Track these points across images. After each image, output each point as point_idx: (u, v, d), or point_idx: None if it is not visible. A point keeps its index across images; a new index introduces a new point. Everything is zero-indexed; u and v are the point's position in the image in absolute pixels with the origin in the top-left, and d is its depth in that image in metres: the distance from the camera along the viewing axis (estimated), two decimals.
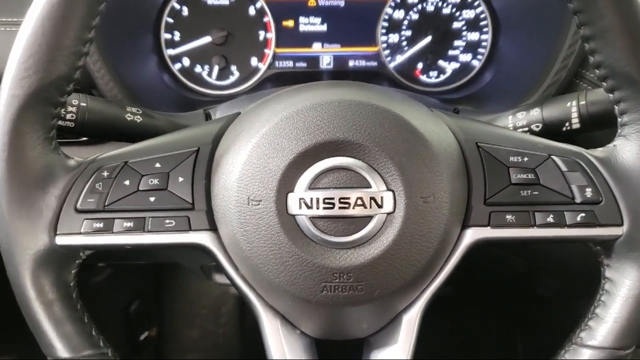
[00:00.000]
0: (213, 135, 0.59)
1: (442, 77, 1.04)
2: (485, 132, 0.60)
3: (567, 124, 0.72)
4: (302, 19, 1.01)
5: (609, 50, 0.53)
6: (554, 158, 0.58)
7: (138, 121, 0.72)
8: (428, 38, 1.01)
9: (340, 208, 0.53)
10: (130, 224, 0.55)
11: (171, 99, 0.97)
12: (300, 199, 0.53)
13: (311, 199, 0.53)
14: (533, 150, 0.58)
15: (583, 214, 0.56)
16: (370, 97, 0.56)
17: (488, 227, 0.56)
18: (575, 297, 1.16)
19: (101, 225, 0.55)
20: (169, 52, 1.00)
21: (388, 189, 0.54)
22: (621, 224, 0.56)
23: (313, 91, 0.58)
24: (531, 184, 0.57)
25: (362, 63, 1.04)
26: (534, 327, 1.42)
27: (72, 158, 0.57)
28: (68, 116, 0.68)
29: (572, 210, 0.56)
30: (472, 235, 0.57)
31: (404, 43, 1.02)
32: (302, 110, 0.55)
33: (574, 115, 0.71)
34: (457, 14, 1.01)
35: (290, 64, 1.03)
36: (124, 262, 1.28)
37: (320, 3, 1.00)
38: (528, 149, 0.58)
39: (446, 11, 1.01)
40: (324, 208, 0.53)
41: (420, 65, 1.03)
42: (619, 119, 0.57)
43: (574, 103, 0.71)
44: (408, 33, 1.02)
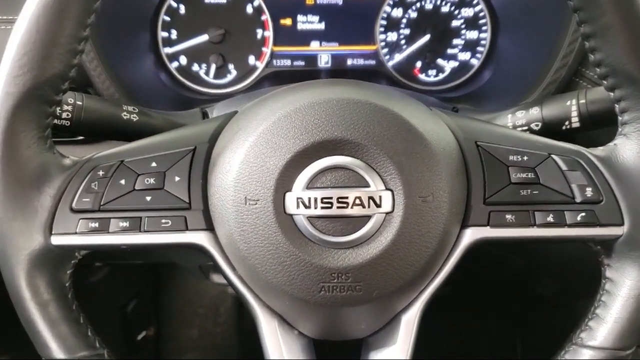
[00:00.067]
0: (210, 134, 0.58)
1: (441, 76, 1.04)
2: (484, 131, 0.60)
3: (567, 123, 0.72)
4: (300, 17, 1.00)
5: (610, 48, 0.52)
6: (554, 157, 0.57)
7: (134, 120, 0.72)
8: (427, 36, 1.01)
9: (338, 208, 0.53)
10: (126, 224, 0.55)
11: (168, 98, 0.97)
12: (298, 199, 0.53)
13: (309, 199, 0.53)
14: (533, 149, 0.58)
15: (583, 214, 0.56)
16: (368, 96, 0.56)
17: (487, 227, 0.56)
18: (575, 297, 1.15)
19: (97, 225, 0.55)
20: (166, 51, 1.00)
21: (387, 189, 0.54)
22: (622, 224, 0.56)
23: (311, 90, 0.58)
24: (531, 183, 0.56)
25: (361, 62, 1.03)
26: (534, 327, 1.42)
27: (68, 157, 0.57)
28: (64, 115, 0.68)
29: (572, 209, 0.56)
30: (472, 235, 0.56)
31: (403, 41, 1.02)
32: (300, 108, 0.55)
33: (574, 114, 0.71)
34: (456, 12, 1.01)
35: (288, 63, 1.02)
36: (121, 262, 1.27)
37: (318, 1, 1.00)
38: (528, 148, 0.58)
39: (445, 9, 1.01)
40: (322, 208, 0.53)
41: (419, 63, 1.03)
42: (620, 118, 0.56)
43: (574, 102, 0.71)
44: (407, 31, 1.01)
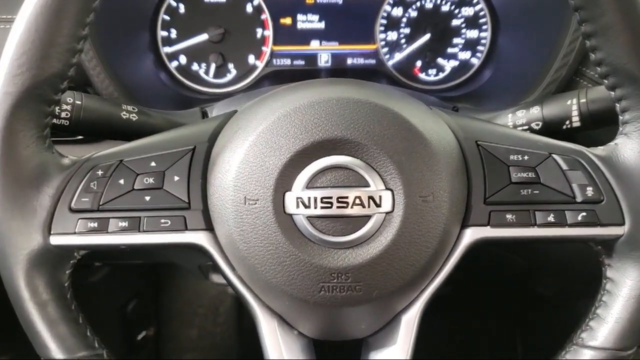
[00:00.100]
0: (209, 133, 0.58)
1: (441, 75, 1.03)
2: (485, 131, 0.60)
3: (568, 122, 0.71)
4: (300, 17, 1.00)
5: (611, 47, 0.52)
6: (555, 156, 0.57)
7: (134, 119, 0.72)
8: (427, 36, 1.01)
9: (338, 207, 0.53)
10: (125, 224, 0.55)
11: (168, 97, 0.96)
12: (297, 198, 0.53)
13: (309, 198, 0.53)
14: (533, 148, 0.58)
15: (584, 213, 0.55)
16: (368, 95, 0.56)
17: (488, 227, 0.56)
18: (575, 297, 1.15)
19: (96, 225, 0.55)
20: (166, 50, 0.99)
21: (387, 188, 0.53)
22: (622, 224, 0.55)
23: (311, 89, 0.58)
24: (531, 183, 0.56)
25: (361, 61, 1.03)
26: (534, 327, 1.42)
27: (67, 157, 0.56)
28: (63, 114, 0.68)
29: (573, 209, 0.56)
30: (472, 234, 0.56)
31: (403, 41, 1.02)
32: (300, 108, 0.54)
33: (575, 113, 0.71)
34: (456, 12, 1.00)
35: (287, 62, 1.02)
36: (121, 262, 1.27)
37: (318, 0, 0.99)
38: (528, 148, 0.58)
39: (445, 8, 1.00)
40: (322, 207, 0.53)
41: (419, 63, 1.03)
42: (621, 117, 0.56)
43: (575, 101, 0.71)
44: (407, 30, 1.01)
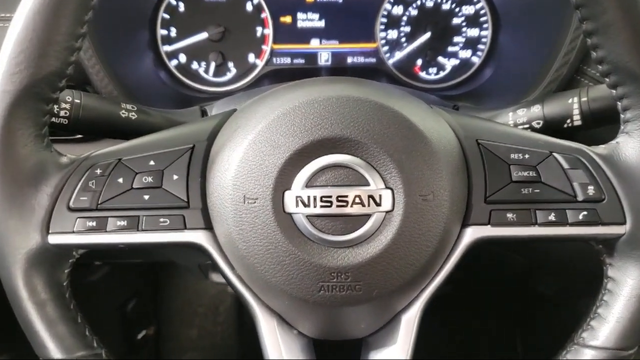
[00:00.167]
0: (208, 132, 0.58)
1: (442, 74, 1.03)
2: (485, 129, 0.59)
3: (569, 121, 0.71)
4: (300, 15, 1.00)
5: (612, 45, 0.52)
6: (556, 155, 0.57)
7: (133, 118, 0.72)
8: (427, 34, 1.00)
9: (338, 206, 0.52)
10: (123, 223, 0.54)
11: (167, 96, 0.96)
12: (297, 197, 0.53)
13: (308, 197, 0.52)
14: (534, 147, 0.57)
15: (585, 212, 0.55)
16: (368, 94, 0.55)
17: (488, 226, 0.56)
18: (576, 297, 1.15)
19: (94, 224, 0.54)
20: (165, 49, 0.99)
21: (387, 187, 0.53)
22: (624, 223, 0.55)
23: (310, 87, 0.57)
24: (532, 182, 0.56)
25: (361, 59, 1.03)
26: (535, 327, 1.41)
27: (65, 155, 0.56)
28: (62, 113, 0.67)
29: (574, 208, 0.55)
30: (472, 233, 0.56)
31: (403, 39, 1.01)
32: (299, 106, 0.54)
33: (576, 112, 0.70)
34: (457, 10, 1.00)
35: (287, 61, 1.02)
36: (120, 261, 1.27)
37: None
38: (529, 146, 0.57)
39: (445, 7, 1.00)
40: (322, 206, 0.52)
41: (419, 61, 1.02)
42: (622, 116, 0.56)
43: (576, 99, 0.71)
44: (407, 29, 1.01)
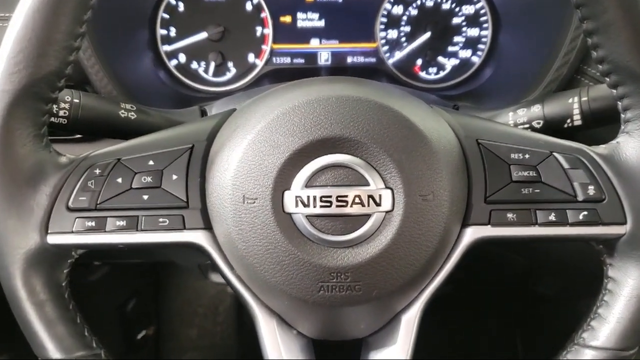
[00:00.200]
0: (208, 132, 0.58)
1: (442, 74, 1.03)
2: (485, 129, 0.59)
3: (569, 121, 0.71)
4: (300, 15, 1.00)
5: (613, 44, 0.52)
6: (556, 155, 0.57)
7: (132, 118, 0.71)
8: (427, 34, 1.00)
9: (337, 206, 0.52)
10: (123, 223, 0.54)
11: (167, 96, 0.96)
12: (296, 197, 0.52)
13: (308, 197, 0.52)
14: (534, 147, 0.57)
15: (585, 212, 0.55)
16: (368, 93, 0.55)
17: (488, 226, 0.55)
18: (576, 297, 1.15)
19: (93, 224, 0.54)
20: (165, 48, 0.99)
21: (386, 187, 0.53)
22: (624, 223, 0.55)
23: (310, 87, 0.57)
24: (532, 182, 0.56)
25: (361, 59, 1.03)
26: (535, 327, 1.41)
27: (64, 155, 0.56)
28: (61, 113, 0.67)
29: (575, 208, 0.55)
30: (472, 234, 0.56)
31: (403, 39, 1.01)
32: (299, 106, 0.54)
33: (576, 111, 0.70)
34: (457, 10, 1.00)
35: (287, 60, 1.02)
36: (119, 261, 1.27)
37: None
38: (529, 146, 0.57)
39: (445, 7, 1.00)
40: (321, 206, 0.52)
41: (419, 61, 1.02)
42: (623, 115, 0.56)
43: (576, 99, 0.70)
44: (407, 29, 1.01)
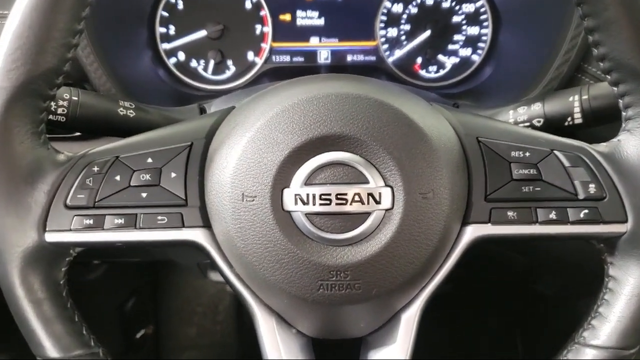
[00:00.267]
0: (207, 129, 0.58)
1: (442, 72, 1.03)
2: (486, 127, 0.59)
3: (570, 119, 0.71)
4: (300, 13, 0.99)
5: (614, 42, 0.52)
6: (557, 153, 0.56)
7: (131, 116, 0.71)
8: (427, 32, 1.00)
9: (337, 204, 0.52)
10: (121, 221, 0.54)
11: (166, 94, 0.96)
12: (296, 195, 0.52)
13: (307, 195, 0.52)
14: (535, 145, 0.57)
15: (586, 211, 0.55)
16: (368, 91, 0.55)
17: (489, 224, 0.55)
18: (576, 296, 1.15)
19: (91, 221, 0.54)
20: (164, 46, 0.99)
21: (386, 185, 0.53)
22: (625, 221, 0.55)
23: (309, 84, 0.57)
24: (533, 180, 0.56)
25: (361, 57, 1.02)
26: (535, 326, 1.41)
27: (62, 153, 0.56)
28: (59, 110, 0.67)
29: (575, 206, 0.55)
30: (473, 232, 0.55)
31: (403, 37, 1.01)
32: (299, 103, 0.54)
33: (577, 110, 0.70)
34: (457, 8, 1.00)
35: (287, 59, 1.01)
36: (118, 260, 1.27)
37: None
38: (530, 144, 0.57)
39: (446, 5, 1.00)
40: (321, 204, 0.52)
41: (419, 59, 1.02)
42: (624, 113, 0.55)
43: (577, 97, 0.70)
44: (407, 27, 1.00)
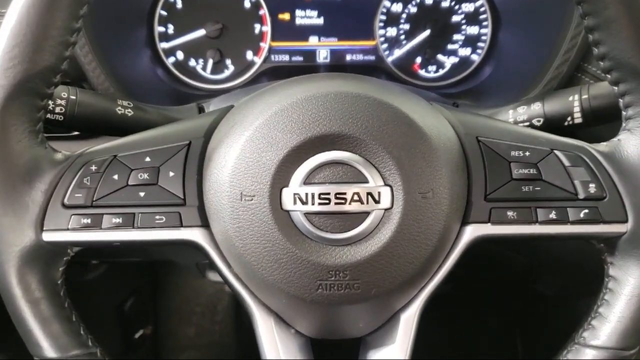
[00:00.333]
0: (205, 128, 0.57)
1: (441, 72, 1.03)
2: (485, 126, 0.59)
3: (569, 119, 0.71)
4: (299, 12, 0.99)
5: (614, 41, 0.51)
6: (557, 153, 0.56)
7: (129, 115, 0.71)
8: (427, 32, 1.00)
9: (336, 204, 0.52)
10: (119, 220, 0.54)
11: (165, 93, 0.96)
12: (295, 194, 0.52)
13: (306, 194, 0.52)
14: (535, 144, 0.57)
15: (586, 210, 0.55)
16: (367, 90, 0.55)
17: (488, 224, 0.55)
18: (576, 296, 1.15)
19: (89, 221, 0.54)
20: (163, 46, 0.98)
21: (386, 184, 0.53)
22: (625, 221, 0.55)
23: (308, 83, 0.57)
24: (533, 179, 0.55)
25: (360, 57, 1.02)
26: (535, 326, 1.41)
27: (60, 152, 0.56)
28: (57, 109, 0.67)
29: (575, 206, 0.55)
30: (472, 231, 0.55)
31: (402, 37, 1.01)
32: (298, 102, 0.54)
33: (577, 109, 0.70)
34: (456, 7, 1.00)
35: (286, 58, 1.01)
36: (116, 260, 1.26)
37: None
38: (530, 144, 0.57)
39: (445, 4, 1.00)
40: (320, 204, 0.52)
41: (418, 59, 1.02)
42: (624, 113, 0.55)
43: (576, 97, 0.70)
44: (406, 26, 1.00)
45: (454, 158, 0.55)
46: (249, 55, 1.00)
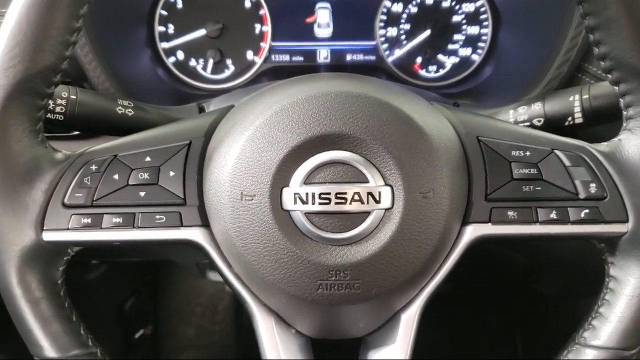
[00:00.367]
0: (205, 128, 0.57)
1: (442, 72, 1.02)
2: (486, 126, 0.59)
3: (570, 119, 0.71)
4: (299, 12, 0.99)
5: (615, 41, 0.51)
6: (557, 153, 0.56)
7: (130, 114, 0.71)
8: (427, 32, 1.00)
9: (336, 203, 0.52)
10: (119, 220, 0.54)
11: (165, 93, 0.96)
12: (295, 194, 0.52)
13: (306, 194, 0.52)
14: (535, 144, 0.57)
15: (587, 210, 0.55)
16: (368, 89, 0.55)
17: (489, 224, 0.55)
18: (577, 296, 1.15)
19: (89, 220, 0.54)
20: (163, 45, 0.98)
21: (386, 184, 0.52)
22: (626, 221, 0.55)
23: (309, 83, 0.57)
24: (533, 179, 0.55)
25: (360, 57, 1.02)
26: (535, 326, 1.41)
27: (60, 151, 0.56)
28: (57, 109, 0.67)
29: (576, 206, 0.55)
30: (473, 231, 0.55)
31: (403, 37, 1.01)
32: (298, 102, 0.54)
33: (577, 109, 0.70)
34: (457, 8, 0.99)
35: (286, 58, 1.01)
36: (116, 260, 1.26)
37: None
38: (530, 143, 0.57)
39: (445, 4, 0.99)
40: (320, 203, 0.52)
41: (419, 59, 1.02)
42: (624, 113, 0.55)
43: (577, 97, 0.70)
44: (407, 26, 1.00)
45: (455, 158, 0.55)
46: (250, 55, 1.00)
